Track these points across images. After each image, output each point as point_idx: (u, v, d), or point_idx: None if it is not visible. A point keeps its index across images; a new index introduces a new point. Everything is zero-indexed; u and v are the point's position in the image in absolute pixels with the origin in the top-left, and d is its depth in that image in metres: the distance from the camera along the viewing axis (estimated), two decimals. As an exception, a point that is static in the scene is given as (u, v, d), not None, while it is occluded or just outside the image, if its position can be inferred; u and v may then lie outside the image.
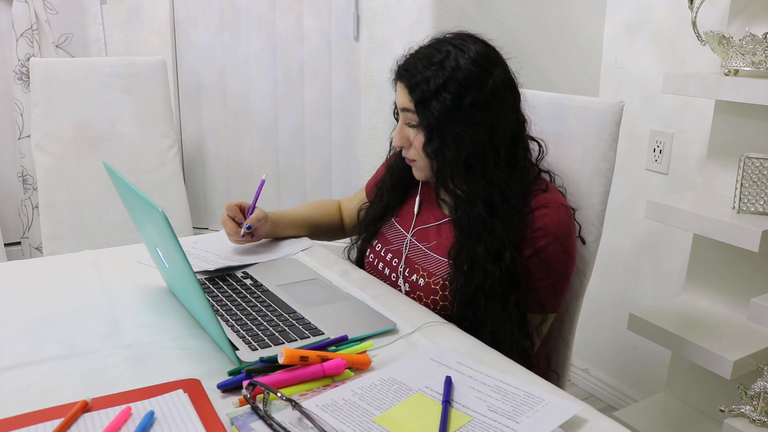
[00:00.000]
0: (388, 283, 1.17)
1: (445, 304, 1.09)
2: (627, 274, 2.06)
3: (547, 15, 1.92)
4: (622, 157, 1.59)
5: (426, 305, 1.10)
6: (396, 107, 1.16)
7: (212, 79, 2.23)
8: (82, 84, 1.95)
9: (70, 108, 1.94)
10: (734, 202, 1.44)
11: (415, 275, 1.13)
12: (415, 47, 1.09)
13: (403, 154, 1.13)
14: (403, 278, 1.15)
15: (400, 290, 1.15)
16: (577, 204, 1.18)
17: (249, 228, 1.20)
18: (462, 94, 1.02)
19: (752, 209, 1.41)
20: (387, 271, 1.19)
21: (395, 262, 1.17)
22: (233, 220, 1.21)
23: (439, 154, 1.05)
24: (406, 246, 1.17)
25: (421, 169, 1.12)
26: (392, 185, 1.23)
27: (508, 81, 1.06)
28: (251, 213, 1.22)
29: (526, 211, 1.05)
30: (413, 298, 1.12)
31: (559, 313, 1.15)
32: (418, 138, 1.07)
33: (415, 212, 1.19)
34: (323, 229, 1.37)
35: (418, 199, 1.20)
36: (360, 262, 1.28)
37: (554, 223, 1.04)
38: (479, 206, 1.03)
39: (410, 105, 1.05)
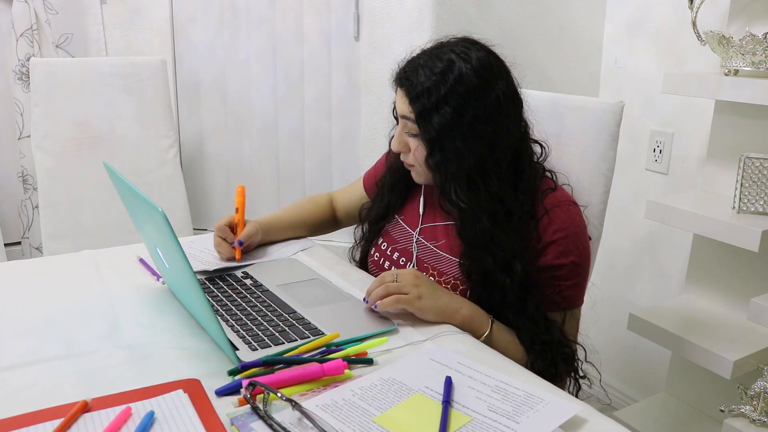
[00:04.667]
0: None
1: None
2: (627, 274, 2.05)
3: (547, 15, 1.92)
4: (622, 157, 1.59)
5: None
6: (395, 109, 1.15)
7: (212, 79, 2.23)
8: (82, 84, 1.95)
9: (70, 108, 1.94)
10: (734, 202, 1.44)
11: (424, 274, 1.13)
12: (417, 51, 1.07)
13: (402, 158, 1.12)
14: None
15: None
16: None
17: (241, 243, 1.19)
18: (463, 107, 1.00)
19: (752, 209, 1.41)
20: (393, 269, 1.18)
21: (403, 260, 1.17)
22: (226, 240, 1.19)
23: (441, 168, 1.03)
24: (415, 246, 1.16)
25: (419, 174, 1.11)
26: (393, 184, 1.22)
27: (510, 92, 1.04)
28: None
29: (540, 213, 1.04)
30: None
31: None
32: (419, 149, 1.05)
33: (421, 212, 1.19)
34: (316, 227, 1.37)
35: (422, 199, 1.19)
36: (364, 261, 1.27)
37: (569, 222, 1.05)
38: (484, 220, 1.02)
39: (410, 115, 1.03)
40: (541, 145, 1.13)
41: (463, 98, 0.99)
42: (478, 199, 1.03)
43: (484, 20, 1.81)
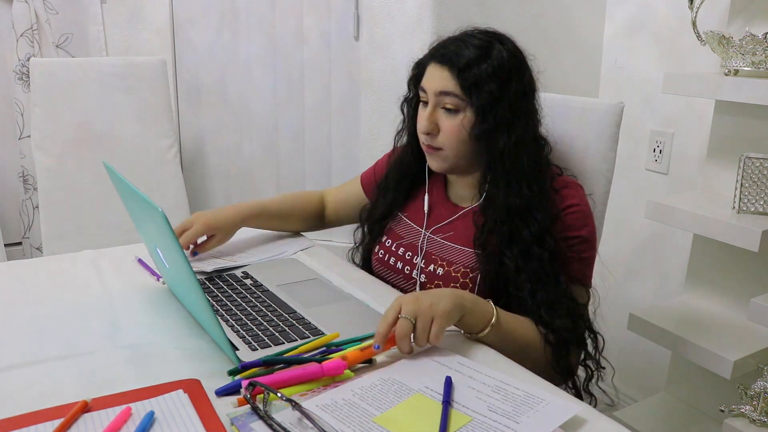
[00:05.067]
0: (400, 277, 1.17)
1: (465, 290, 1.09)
2: (627, 274, 2.05)
3: (547, 15, 1.92)
4: (622, 157, 1.59)
5: None
6: (412, 94, 1.15)
7: (212, 79, 2.23)
8: (82, 84, 1.95)
9: (70, 108, 1.94)
10: (734, 202, 1.44)
11: (432, 266, 1.13)
12: (449, 35, 1.10)
13: (428, 141, 1.09)
14: (419, 270, 1.15)
15: (415, 282, 1.15)
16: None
17: (195, 255, 1.21)
18: (509, 81, 1.04)
19: (752, 209, 1.41)
20: (399, 264, 1.17)
21: (409, 255, 1.17)
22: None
23: (490, 136, 1.05)
24: (422, 241, 1.16)
25: (445, 159, 1.09)
26: (398, 182, 1.22)
27: (533, 79, 1.10)
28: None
29: (552, 192, 1.07)
30: (430, 288, 1.11)
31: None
32: (464, 121, 1.05)
33: (426, 212, 1.18)
34: (302, 221, 1.35)
35: (426, 199, 1.19)
36: (367, 262, 1.27)
37: (578, 199, 1.08)
38: (524, 189, 1.04)
39: (454, 88, 1.04)
40: (544, 139, 1.14)
41: (508, 73, 1.05)
42: (523, 168, 1.05)
43: (485, 20, 1.79)
